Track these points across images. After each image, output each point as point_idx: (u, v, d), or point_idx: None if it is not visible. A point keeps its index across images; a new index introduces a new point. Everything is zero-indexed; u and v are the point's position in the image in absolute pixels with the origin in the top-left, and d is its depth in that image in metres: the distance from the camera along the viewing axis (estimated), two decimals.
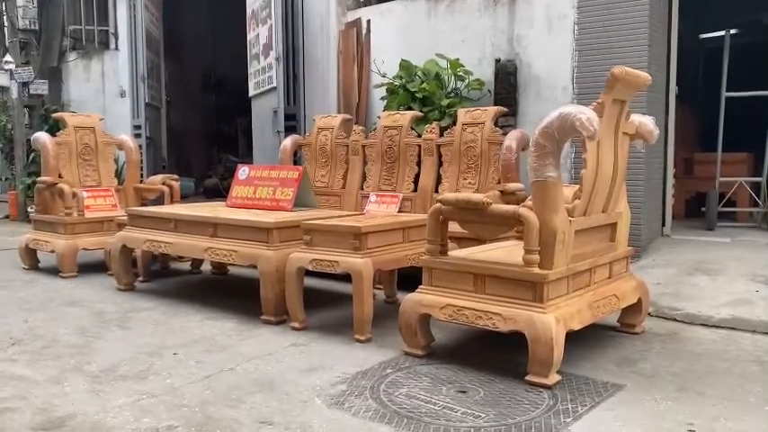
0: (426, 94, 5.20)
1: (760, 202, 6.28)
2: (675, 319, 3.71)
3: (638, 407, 2.52)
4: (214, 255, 3.94)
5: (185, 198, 6.47)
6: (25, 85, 8.84)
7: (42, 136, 5.61)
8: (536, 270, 2.73)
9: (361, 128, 5.24)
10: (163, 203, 5.41)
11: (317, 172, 5.27)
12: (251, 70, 7.14)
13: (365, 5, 6.42)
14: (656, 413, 2.46)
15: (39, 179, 5.49)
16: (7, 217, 9.26)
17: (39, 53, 9.27)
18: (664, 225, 5.63)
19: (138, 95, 7.66)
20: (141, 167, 6.52)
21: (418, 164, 4.78)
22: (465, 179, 4.50)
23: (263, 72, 6.69)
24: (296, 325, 3.57)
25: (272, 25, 6.34)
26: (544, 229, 2.73)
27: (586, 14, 4.88)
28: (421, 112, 5.07)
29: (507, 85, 5.25)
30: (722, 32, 6.66)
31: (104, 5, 9.19)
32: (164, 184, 5.61)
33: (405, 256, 3.61)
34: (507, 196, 3.60)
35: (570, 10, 4.97)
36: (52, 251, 5.16)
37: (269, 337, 3.47)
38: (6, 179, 10.00)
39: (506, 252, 3.08)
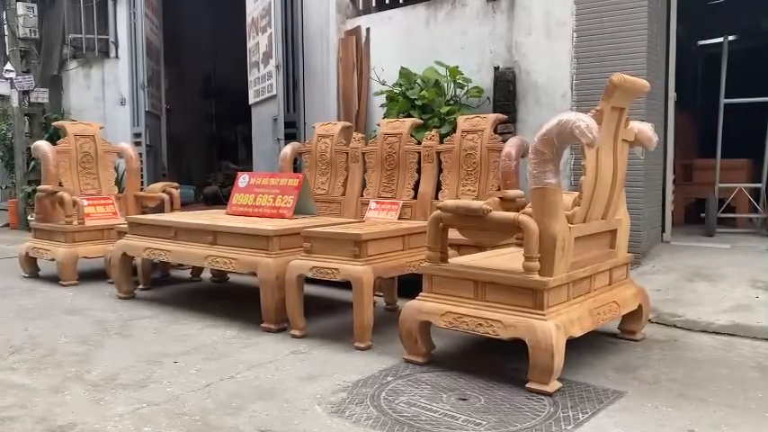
0: (426, 102, 5.21)
1: (759, 208, 6.28)
2: (676, 326, 3.71)
3: (639, 413, 2.51)
4: (214, 262, 3.94)
5: (185, 206, 6.47)
6: (26, 93, 8.85)
7: (43, 144, 5.62)
8: (536, 277, 2.73)
9: (360, 135, 5.26)
10: (163, 211, 5.41)
11: (317, 179, 5.27)
12: (251, 78, 7.16)
13: (365, 13, 6.44)
14: (657, 420, 2.45)
15: (39, 187, 5.49)
16: (7, 225, 9.27)
17: (39, 62, 9.30)
18: (663, 231, 5.63)
19: (138, 103, 7.68)
20: (141, 175, 6.53)
21: (418, 171, 4.79)
22: (465, 186, 4.50)
23: (263, 80, 6.71)
24: (296, 332, 3.57)
25: (271, 33, 6.36)
26: (544, 235, 2.74)
27: (585, 22, 4.89)
28: (420, 119, 5.08)
29: (506, 93, 5.26)
30: (720, 39, 6.68)
31: (104, 14, 9.21)
32: (164, 191, 5.62)
33: (405, 264, 3.61)
34: (507, 203, 3.60)
35: (569, 17, 4.99)
36: (52, 259, 5.17)
37: (269, 344, 3.47)
38: (6, 187, 10.01)
39: (506, 259, 3.08)
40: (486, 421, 2.44)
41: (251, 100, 7.15)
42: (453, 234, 3.11)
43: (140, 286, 4.88)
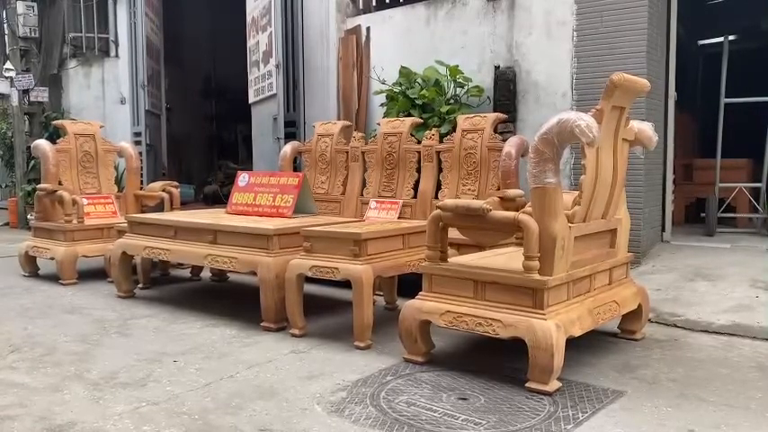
0: (426, 101, 5.21)
1: (759, 208, 6.28)
2: (676, 325, 3.71)
3: (639, 413, 2.51)
4: (214, 261, 3.94)
5: (185, 205, 6.47)
6: (26, 92, 8.86)
7: (43, 143, 5.62)
8: (536, 276, 2.73)
9: (360, 134, 5.25)
10: (163, 210, 5.41)
11: (316, 178, 5.27)
12: (251, 77, 7.16)
13: (365, 12, 6.44)
14: (657, 419, 2.45)
15: (39, 186, 5.49)
16: (7, 224, 9.27)
17: (39, 60, 9.30)
18: (663, 231, 5.63)
19: (138, 103, 7.67)
20: (141, 174, 6.52)
21: (418, 170, 4.78)
22: (465, 185, 4.50)
23: (263, 79, 6.71)
24: (296, 332, 3.56)
25: (271, 32, 6.36)
26: (544, 235, 2.73)
27: (585, 21, 4.89)
28: (420, 118, 5.08)
29: (506, 92, 5.25)
30: (720, 39, 6.68)
31: (105, 13, 9.21)
32: (163, 190, 5.61)
33: (405, 263, 3.61)
34: (507, 202, 3.60)
35: (569, 17, 4.98)
36: (52, 258, 5.17)
37: (269, 343, 3.47)
38: (6, 186, 10.01)
39: (506, 258, 3.08)
40: (486, 421, 2.43)
41: (251, 99, 7.14)
42: (453, 233, 3.11)
43: (140, 285, 4.88)
